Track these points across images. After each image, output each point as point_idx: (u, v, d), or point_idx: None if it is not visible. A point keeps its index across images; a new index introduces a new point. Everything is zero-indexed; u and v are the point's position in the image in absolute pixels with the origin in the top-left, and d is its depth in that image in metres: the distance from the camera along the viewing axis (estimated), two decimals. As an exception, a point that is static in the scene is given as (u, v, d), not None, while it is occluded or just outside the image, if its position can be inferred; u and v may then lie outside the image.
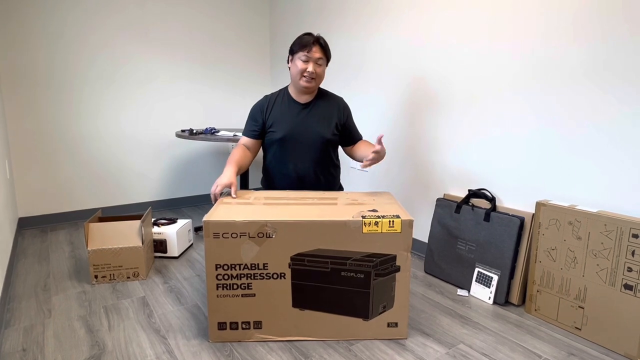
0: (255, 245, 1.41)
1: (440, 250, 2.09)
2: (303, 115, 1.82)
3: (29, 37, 2.64)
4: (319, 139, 1.81)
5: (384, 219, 1.42)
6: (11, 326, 1.61)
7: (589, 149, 1.61)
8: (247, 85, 3.63)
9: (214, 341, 1.49)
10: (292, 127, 1.80)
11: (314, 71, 1.74)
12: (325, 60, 1.79)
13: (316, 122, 1.82)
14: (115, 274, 1.98)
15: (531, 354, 1.45)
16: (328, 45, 1.79)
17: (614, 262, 1.47)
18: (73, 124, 2.87)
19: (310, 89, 1.80)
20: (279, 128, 1.81)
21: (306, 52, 1.73)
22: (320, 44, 1.75)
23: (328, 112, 1.85)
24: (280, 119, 1.82)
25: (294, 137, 1.80)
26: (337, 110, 1.88)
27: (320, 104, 1.86)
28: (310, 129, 1.81)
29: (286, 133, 1.80)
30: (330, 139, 1.84)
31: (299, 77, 1.75)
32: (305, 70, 1.73)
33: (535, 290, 1.71)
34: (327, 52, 1.78)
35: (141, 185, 3.21)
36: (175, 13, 3.16)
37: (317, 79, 1.78)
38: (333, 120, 1.85)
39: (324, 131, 1.82)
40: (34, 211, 2.82)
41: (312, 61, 1.74)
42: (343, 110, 1.90)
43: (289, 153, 1.82)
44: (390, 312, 1.49)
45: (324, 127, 1.82)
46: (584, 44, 1.59)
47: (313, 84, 1.77)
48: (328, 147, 1.85)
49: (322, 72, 1.78)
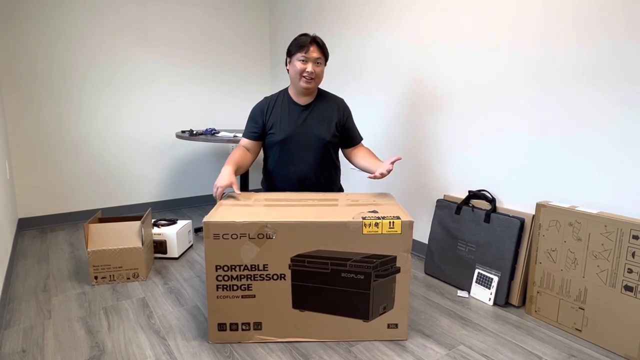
0: (255, 247, 1.41)
1: (441, 251, 2.09)
2: (303, 118, 1.82)
3: (29, 38, 2.64)
4: (320, 141, 1.81)
5: (384, 220, 1.41)
6: (11, 327, 1.60)
7: (589, 150, 1.61)
8: (247, 85, 3.63)
9: (214, 342, 1.49)
10: (292, 129, 1.80)
11: (313, 71, 1.73)
12: (324, 59, 1.79)
13: (316, 124, 1.82)
14: (115, 274, 1.98)
15: (531, 355, 1.45)
16: (325, 45, 1.79)
17: (614, 264, 1.47)
18: (73, 125, 2.87)
19: (310, 90, 1.79)
20: (279, 130, 1.81)
21: (304, 53, 1.72)
22: (318, 43, 1.75)
23: (328, 114, 1.85)
24: (280, 121, 1.82)
25: (294, 139, 1.80)
26: (337, 111, 1.87)
27: (321, 106, 1.85)
28: (310, 131, 1.81)
29: (287, 135, 1.79)
30: (331, 141, 1.83)
31: (299, 78, 1.75)
32: (304, 70, 1.73)
33: (535, 292, 1.71)
34: (325, 51, 1.78)
35: (141, 186, 3.21)
36: (174, 14, 3.16)
37: (317, 79, 1.77)
38: (333, 122, 1.85)
39: (324, 133, 1.82)
40: (34, 212, 2.82)
41: (311, 61, 1.74)
42: (343, 112, 1.89)
43: (289, 155, 1.82)
44: (391, 313, 1.49)
45: (324, 129, 1.82)
46: (585, 45, 1.59)
47: (313, 84, 1.77)
48: (329, 148, 1.85)
49: (321, 71, 1.78)
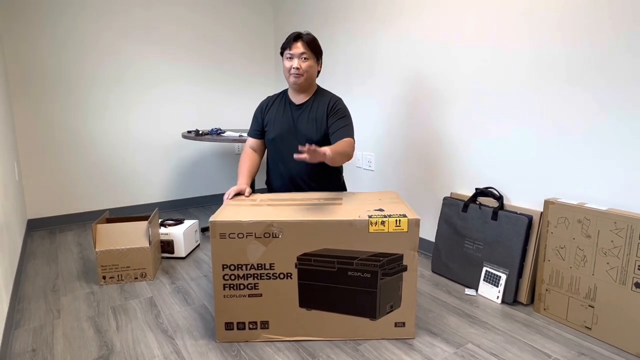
0: (261, 246, 1.41)
1: (448, 249, 2.08)
2: (294, 117, 1.82)
3: (37, 42, 2.67)
4: (307, 141, 1.78)
5: (390, 218, 1.41)
6: (21, 327, 1.62)
7: (598, 146, 1.59)
8: (252, 86, 3.64)
9: (221, 341, 1.50)
10: (283, 128, 1.81)
11: (300, 66, 1.73)
12: (311, 54, 1.76)
13: (305, 124, 1.80)
14: (123, 274, 1.99)
15: (541, 353, 1.44)
16: (315, 41, 1.77)
17: (624, 261, 1.45)
18: (80, 126, 2.89)
19: (301, 86, 1.78)
20: (271, 129, 1.84)
21: (289, 50, 1.75)
22: (302, 39, 1.74)
23: (319, 113, 1.80)
24: (274, 120, 1.84)
25: (283, 138, 1.81)
26: (327, 107, 1.80)
27: (314, 105, 1.82)
28: (299, 130, 1.80)
29: (276, 134, 1.82)
30: (319, 141, 1.78)
31: (288, 75, 1.77)
32: (291, 67, 1.74)
33: (544, 289, 1.70)
34: (312, 46, 1.76)
35: (148, 187, 3.23)
36: (179, 16, 3.17)
37: (305, 75, 1.75)
38: (322, 122, 1.79)
39: (311, 133, 1.79)
40: (43, 213, 2.85)
41: (296, 57, 1.74)
42: (332, 107, 1.79)
43: (280, 154, 1.84)
44: (398, 312, 1.49)
45: (312, 129, 1.79)
46: (595, 40, 1.57)
47: (301, 79, 1.75)
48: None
49: (308, 66, 1.75)
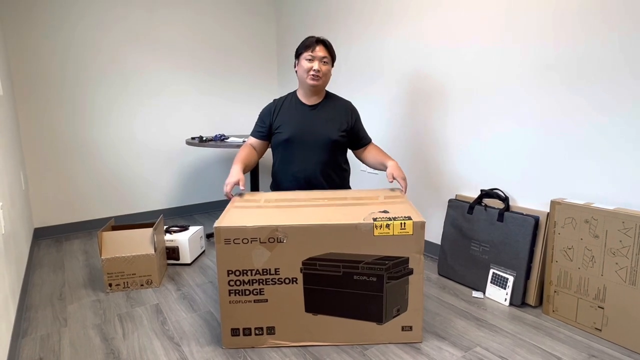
0: (266, 251, 1.41)
1: (454, 251, 2.06)
2: (310, 117, 1.85)
3: (41, 49, 2.69)
4: (326, 140, 1.82)
5: (395, 221, 1.40)
6: (28, 335, 1.62)
7: (604, 145, 1.58)
8: (255, 91, 3.65)
9: (227, 347, 1.49)
10: (298, 127, 1.83)
11: (320, 69, 1.78)
12: (330, 59, 1.83)
13: (323, 123, 1.84)
14: (128, 281, 2.00)
15: (550, 356, 1.42)
16: (332, 47, 1.84)
17: (633, 261, 1.43)
18: (86, 134, 2.91)
19: (317, 88, 1.83)
20: (285, 129, 1.84)
21: (310, 52, 1.78)
22: (324, 43, 1.81)
23: (335, 114, 1.87)
24: (287, 121, 1.85)
25: (300, 137, 1.82)
26: (345, 112, 1.90)
27: (328, 106, 1.88)
28: (316, 130, 1.83)
29: (292, 134, 1.82)
30: (337, 140, 1.84)
31: (306, 76, 1.80)
32: (311, 68, 1.78)
33: (552, 291, 1.68)
34: (331, 51, 1.83)
35: (153, 193, 3.24)
36: (182, 22, 3.19)
37: (324, 78, 1.81)
38: (340, 122, 1.87)
39: (330, 132, 1.83)
40: (49, 221, 2.86)
41: (317, 59, 1.78)
42: (351, 113, 1.92)
43: (295, 154, 1.84)
44: (404, 316, 1.47)
45: (330, 128, 1.84)
46: (602, 40, 1.56)
47: (320, 82, 1.80)
48: (334, 149, 1.86)
49: (327, 70, 1.82)
